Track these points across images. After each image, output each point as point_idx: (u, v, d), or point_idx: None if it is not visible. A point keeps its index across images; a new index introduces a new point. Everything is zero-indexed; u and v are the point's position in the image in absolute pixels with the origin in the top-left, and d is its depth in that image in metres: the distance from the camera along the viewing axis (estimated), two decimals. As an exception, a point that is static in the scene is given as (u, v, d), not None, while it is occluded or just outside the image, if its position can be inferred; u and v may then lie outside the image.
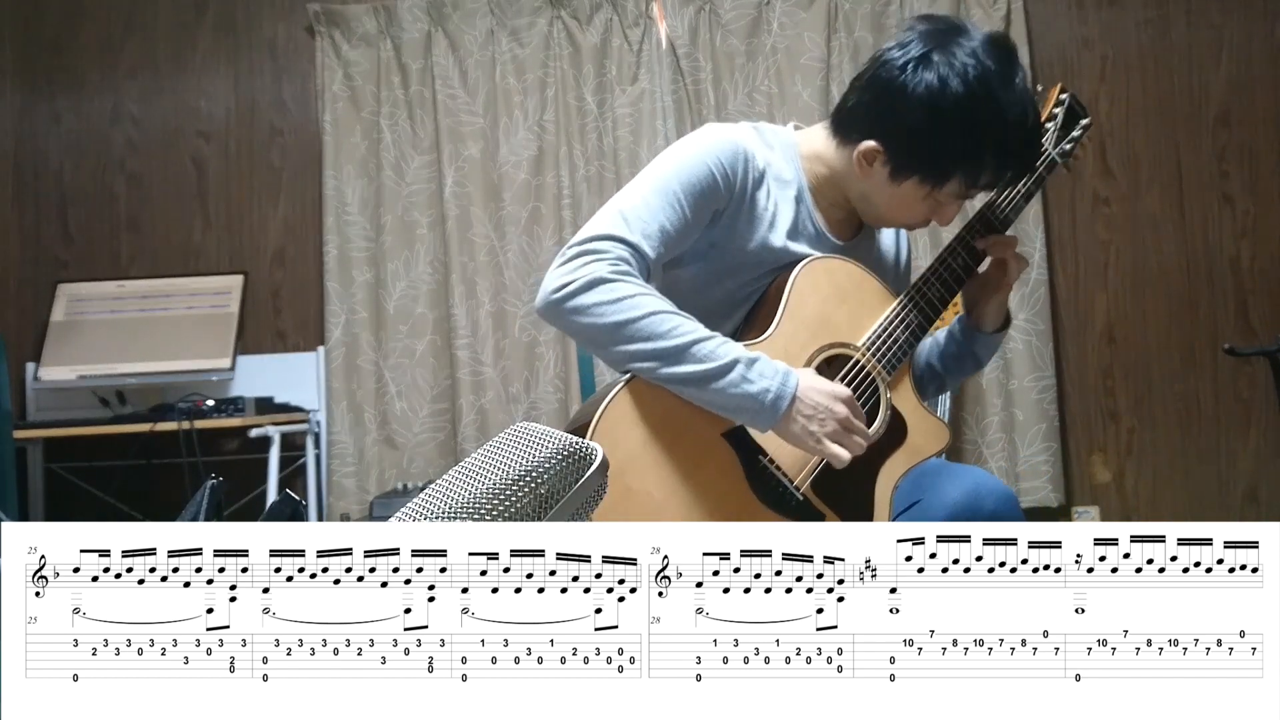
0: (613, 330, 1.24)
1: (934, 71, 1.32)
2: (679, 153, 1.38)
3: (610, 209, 1.33)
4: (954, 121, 1.32)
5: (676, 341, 1.24)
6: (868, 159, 1.39)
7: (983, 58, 1.32)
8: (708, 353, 1.24)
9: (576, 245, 1.28)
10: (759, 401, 1.24)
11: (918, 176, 1.37)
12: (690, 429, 1.26)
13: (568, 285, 1.25)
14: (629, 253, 1.28)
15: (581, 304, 1.24)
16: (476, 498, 0.94)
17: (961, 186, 1.38)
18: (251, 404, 2.94)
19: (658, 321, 1.24)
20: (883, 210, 1.45)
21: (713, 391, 1.24)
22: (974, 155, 1.35)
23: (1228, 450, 3.15)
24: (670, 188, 1.33)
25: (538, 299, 1.28)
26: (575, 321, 1.26)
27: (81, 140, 3.44)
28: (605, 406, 1.23)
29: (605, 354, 1.29)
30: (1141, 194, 3.21)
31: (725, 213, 1.38)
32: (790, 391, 1.25)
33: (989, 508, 1.30)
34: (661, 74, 3.21)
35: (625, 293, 1.24)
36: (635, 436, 1.23)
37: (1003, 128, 1.33)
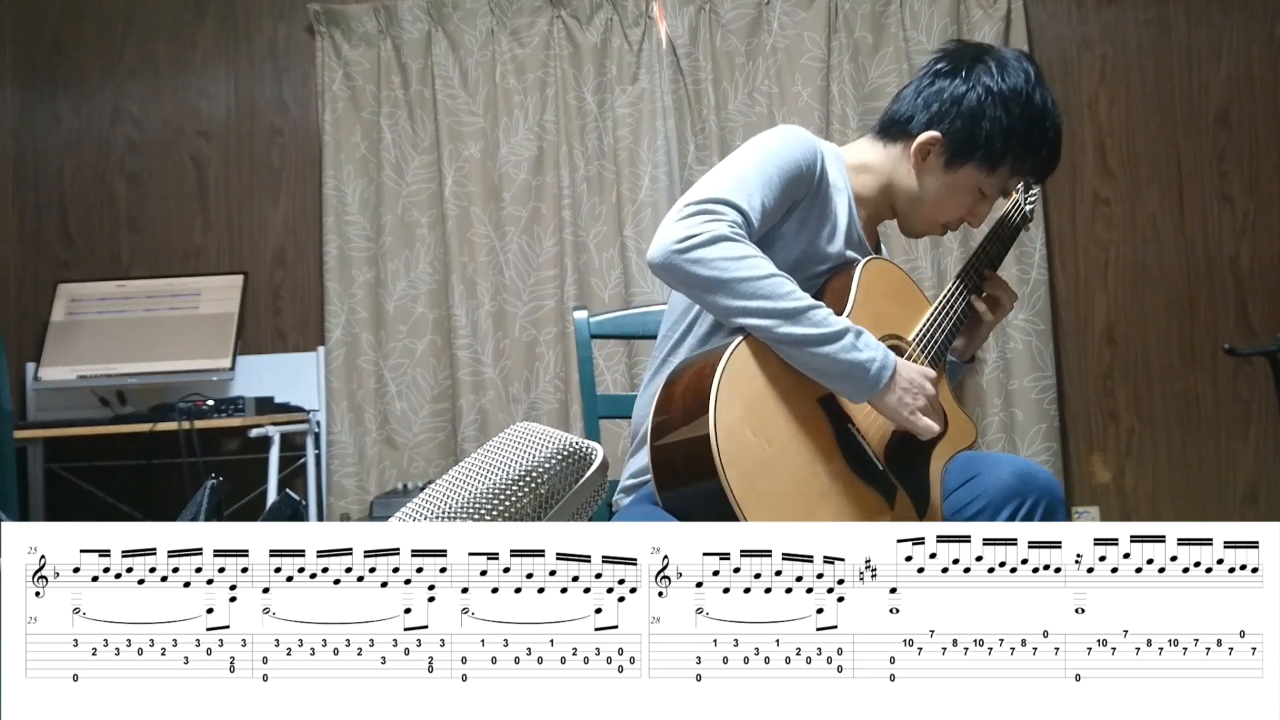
0: (735, 284, 1.29)
1: (987, 71, 1.50)
2: (768, 142, 1.45)
3: (720, 176, 1.38)
4: (1011, 105, 1.48)
5: (795, 304, 1.30)
6: (923, 151, 1.52)
7: (1025, 62, 1.52)
8: (822, 318, 1.30)
9: (695, 204, 1.32)
10: (865, 369, 1.31)
11: (975, 160, 1.50)
12: (794, 390, 1.32)
13: (693, 237, 1.29)
14: (742, 218, 1.34)
15: (706, 256, 1.29)
16: (476, 498, 0.94)
17: (1008, 174, 1.53)
18: (251, 404, 2.94)
19: (778, 283, 1.30)
20: (929, 205, 1.56)
21: (824, 355, 1.30)
22: (1026, 138, 1.50)
23: (1228, 450, 3.15)
24: (768, 169, 1.40)
25: (654, 250, 1.31)
26: (696, 273, 1.29)
27: (81, 140, 3.44)
28: (730, 355, 1.29)
29: (723, 306, 1.32)
30: (1141, 194, 3.21)
31: (801, 205, 1.46)
32: (892, 364, 1.34)
33: (1041, 482, 1.41)
34: (661, 74, 3.21)
35: (747, 252, 1.30)
36: (757, 386, 1.30)
37: (1047, 116, 1.51)
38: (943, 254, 3.15)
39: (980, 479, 1.44)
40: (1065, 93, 3.23)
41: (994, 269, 1.65)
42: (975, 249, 1.65)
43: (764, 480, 1.24)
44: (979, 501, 1.42)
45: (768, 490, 1.24)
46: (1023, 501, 1.39)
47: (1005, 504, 1.40)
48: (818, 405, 1.34)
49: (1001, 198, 1.62)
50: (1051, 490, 1.41)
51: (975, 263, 1.62)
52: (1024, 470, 1.42)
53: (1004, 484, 1.41)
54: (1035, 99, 1.49)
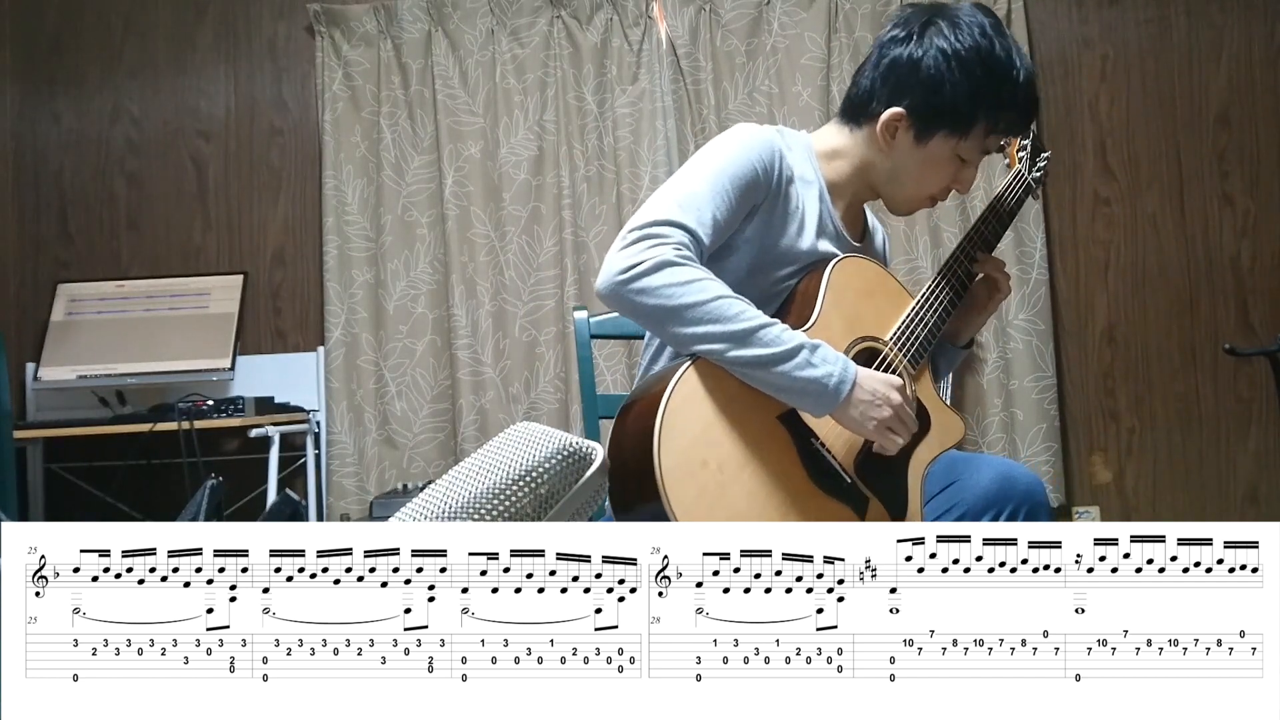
0: (681, 311, 1.25)
1: (939, 33, 1.43)
2: (721, 148, 1.41)
3: (665, 196, 1.34)
4: (971, 70, 1.41)
5: (744, 325, 1.26)
6: (890, 129, 1.46)
7: (979, 15, 1.45)
8: (774, 337, 1.27)
9: (638, 229, 1.29)
10: (823, 385, 1.27)
11: (944, 129, 1.44)
12: (750, 410, 1.29)
13: (635, 266, 1.26)
14: (689, 238, 1.30)
15: (650, 285, 1.25)
16: (476, 498, 0.94)
17: (984, 134, 1.45)
18: (251, 404, 2.93)
19: (726, 305, 1.26)
20: (910, 184, 1.50)
21: (778, 374, 1.26)
22: (993, 95, 1.43)
23: (1228, 450, 3.15)
24: (719, 179, 1.36)
25: (600, 281, 1.28)
26: (642, 303, 1.26)
27: (81, 140, 3.44)
28: (675, 383, 1.25)
29: (672, 334, 1.29)
30: (1141, 194, 3.21)
31: (761, 208, 1.42)
32: (851, 377, 1.29)
33: (1022, 487, 1.36)
34: (661, 74, 3.21)
35: (692, 276, 1.26)
36: (705, 412, 1.26)
37: (1012, 68, 1.43)
38: (944, 253, 3.15)
39: (960, 484, 1.40)
40: (1065, 93, 3.23)
41: (990, 250, 1.58)
42: (967, 232, 1.58)
43: (718, 509, 1.21)
44: (956, 510, 1.38)
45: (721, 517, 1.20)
46: (1001, 510, 1.36)
47: (983, 512, 1.36)
48: (778, 422, 1.30)
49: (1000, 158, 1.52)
50: (1033, 495, 1.37)
51: (967, 246, 1.56)
52: (1005, 474, 1.38)
53: (983, 490, 1.37)
54: (995, 52, 1.41)
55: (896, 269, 3.09)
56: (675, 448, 1.21)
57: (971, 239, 1.57)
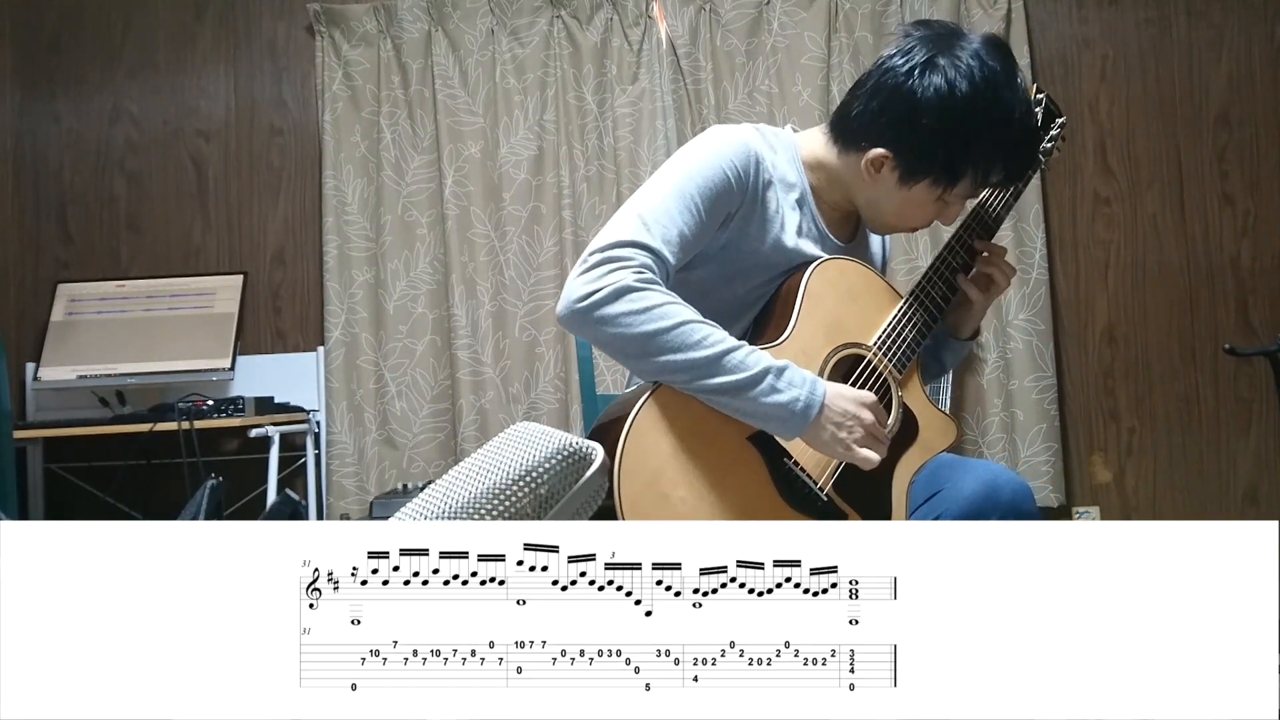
0: (643, 341, 1.22)
1: (941, 75, 1.33)
2: (691, 156, 1.36)
3: (628, 214, 1.30)
4: (965, 123, 1.33)
5: (708, 352, 1.23)
6: (875, 166, 1.40)
7: (986, 59, 1.34)
8: (738, 363, 1.23)
9: (599, 252, 1.25)
10: (789, 410, 1.24)
11: (930, 179, 1.38)
12: (718, 434, 1.26)
13: (594, 294, 1.22)
14: (652, 259, 1.26)
15: (609, 314, 1.22)
16: (476, 498, 0.94)
17: (971, 185, 1.40)
18: (251, 404, 2.93)
19: (688, 332, 1.23)
20: (889, 215, 1.46)
21: (745, 400, 1.23)
22: (985, 154, 1.37)
23: (1228, 450, 3.14)
24: (687, 191, 1.32)
25: (560, 306, 1.25)
26: (602, 331, 1.23)
27: (81, 140, 3.43)
28: (635, 415, 1.22)
29: (634, 364, 1.26)
30: (1141, 194, 3.21)
31: (737, 215, 1.38)
32: (819, 399, 1.26)
33: (1006, 497, 1.31)
34: (661, 74, 3.21)
35: (653, 302, 1.22)
36: (666, 443, 1.22)
37: (1010, 125, 1.36)
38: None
39: (943, 494, 1.35)
40: (1065, 93, 3.23)
41: (990, 235, 1.51)
42: (964, 219, 1.52)
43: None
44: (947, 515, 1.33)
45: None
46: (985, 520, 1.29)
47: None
48: (749, 443, 1.27)
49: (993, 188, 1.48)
50: (1018, 505, 1.31)
51: (963, 233, 1.50)
52: (989, 483, 1.32)
53: (966, 500, 1.31)
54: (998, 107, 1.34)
55: (896, 269, 3.09)
56: (636, 481, 1.18)
57: (969, 224, 1.52)
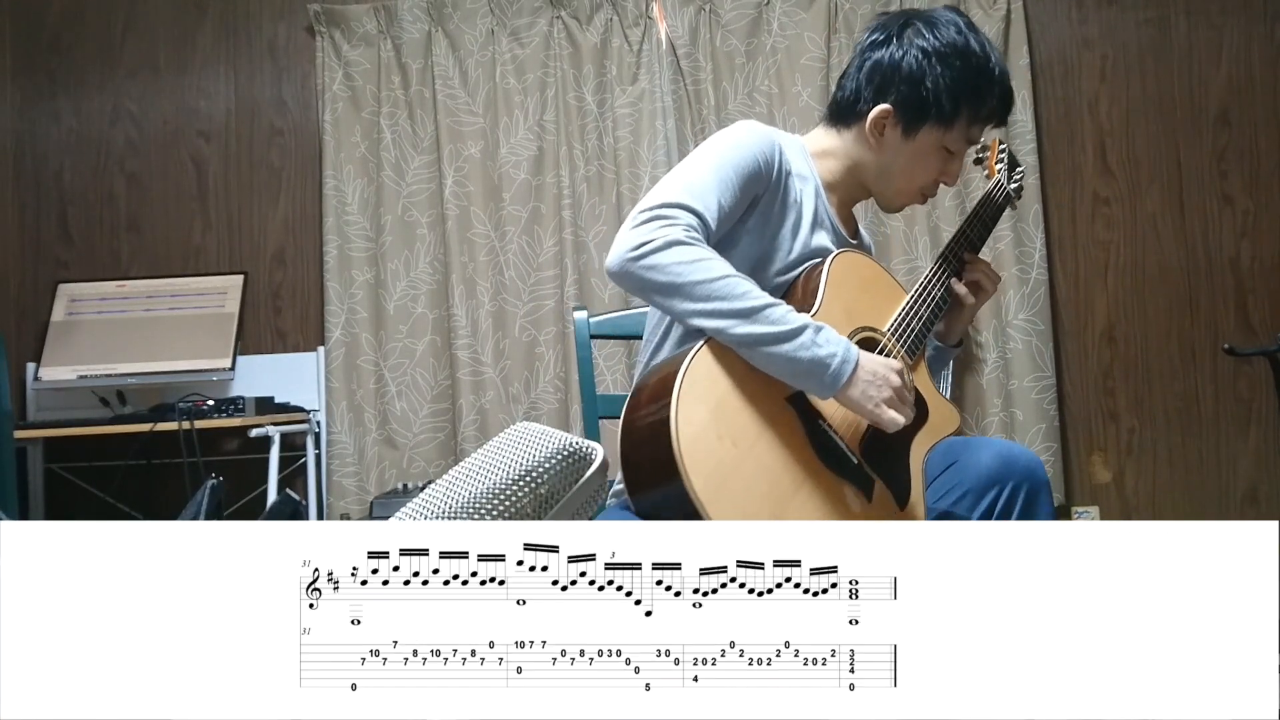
0: (691, 288, 1.29)
1: (918, 33, 1.50)
2: (724, 140, 1.44)
3: (672, 182, 1.37)
4: (949, 59, 1.48)
5: (751, 303, 1.29)
6: (878, 126, 1.52)
7: (954, 15, 1.52)
8: (780, 316, 1.30)
9: (648, 210, 1.33)
10: (825, 365, 1.30)
11: (930, 121, 1.50)
12: (758, 393, 1.32)
13: (646, 244, 1.29)
14: (697, 221, 1.33)
15: (660, 262, 1.29)
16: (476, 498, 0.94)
17: (966, 124, 1.52)
18: (251, 404, 2.93)
19: (734, 284, 1.30)
20: (900, 178, 1.56)
21: (782, 353, 1.29)
22: (973, 85, 1.50)
23: (1228, 450, 3.14)
24: (723, 168, 1.40)
25: (611, 258, 1.32)
26: (652, 279, 1.30)
27: (81, 140, 3.43)
28: (690, 361, 1.28)
29: (679, 309, 1.32)
30: (1141, 194, 3.21)
31: (762, 199, 1.46)
32: (854, 359, 1.32)
33: (1022, 465, 1.40)
34: (661, 74, 3.21)
35: (702, 255, 1.30)
36: (719, 388, 1.29)
37: (988, 60, 1.50)
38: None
39: (960, 465, 1.43)
40: (1065, 93, 3.23)
41: (975, 251, 1.63)
42: (955, 232, 1.64)
43: (733, 481, 1.23)
44: (959, 489, 1.41)
45: (738, 491, 1.23)
46: (1003, 488, 1.39)
47: (985, 491, 1.40)
48: (786, 404, 1.34)
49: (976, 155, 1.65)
50: (1033, 473, 1.40)
51: (955, 246, 1.61)
52: (1005, 454, 1.41)
53: (984, 470, 1.40)
54: (971, 47, 1.49)
55: (896, 269, 3.09)
56: (692, 420, 1.23)
57: (958, 239, 1.63)
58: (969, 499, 1.40)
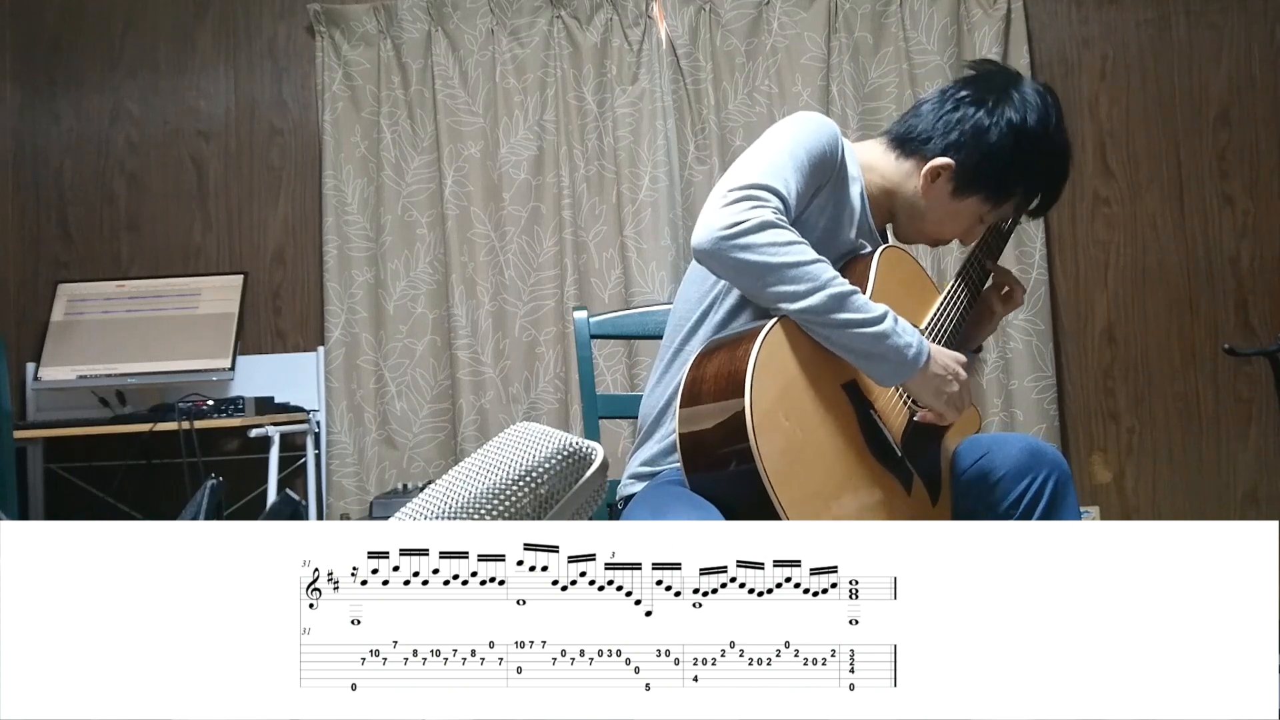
0: (782, 270, 1.31)
1: (1012, 106, 1.52)
2: (795, 126, 1.47)
3: (755, 163, 1.39)
4: (1027, 149, 1.52)
5: (839, 289, 1.33)
6: (933, 175, 1.55)
7: (1046, 100, 1.55)
8: (863, 303, 1.34)
9: (738, 190, 1.34)
10: (904, 354, 1.34)
11: (982, 195, 1.55)
12: (819, 377, 1.34)
13: (740, 224, 1.31)
14: (783, 205, 1.36)
15: (753, 242, 1.31)
16: (476, 498, 0.94)
17: (1013, 207, 1.59)
18: (251, 404, 2.93)
19: (822, 269, 1.33)
20: (929, 224, 1.60)
21: (865, 338, 1.33)
22: (1035, 180, 1.57)
23: (1228, 450, 3.14)
24: (798, 154, 1.42)
25: (700, 236, 1.33)
26: (743, 259, 1.31)
27: (81, 140, 3.43)
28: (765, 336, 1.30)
29: (770, 291, 1.34)
30: (1141, 194, 3.21)
31: (825, 189, 1.48)
32: (927, 349, 1.37)
33: (1049, 457, 1.44)
34: (661, 74, 3.21)
35: (792, 238, 1.33)
36: (789, 368, 1.31)
37: (1062, 160, 1.58)
38: (943, 252, 3.14)
39: (990, 457, 1.48)
40: (1065, 93, 3.23)
41: (995, 259, 1.68)
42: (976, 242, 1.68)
43: (797, 464, 1.25)
44: (997, 472, 1.45)
45: (801, 474, 1.24)
46: (1035, 476, 1.42)
47: (1020, 478, 1.43)
48: (842, 390, 1.36)
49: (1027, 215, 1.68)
50: (1060, 465, 1.44)
51: (978, 253, 1.66)
52: (1033, 447, 1.46)
53: (1014, 461, 1.44)
54: (1056, 141, 1.54)
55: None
56: (766, 396, 1.25)
57: (980, 249, 1.67)
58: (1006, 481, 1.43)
